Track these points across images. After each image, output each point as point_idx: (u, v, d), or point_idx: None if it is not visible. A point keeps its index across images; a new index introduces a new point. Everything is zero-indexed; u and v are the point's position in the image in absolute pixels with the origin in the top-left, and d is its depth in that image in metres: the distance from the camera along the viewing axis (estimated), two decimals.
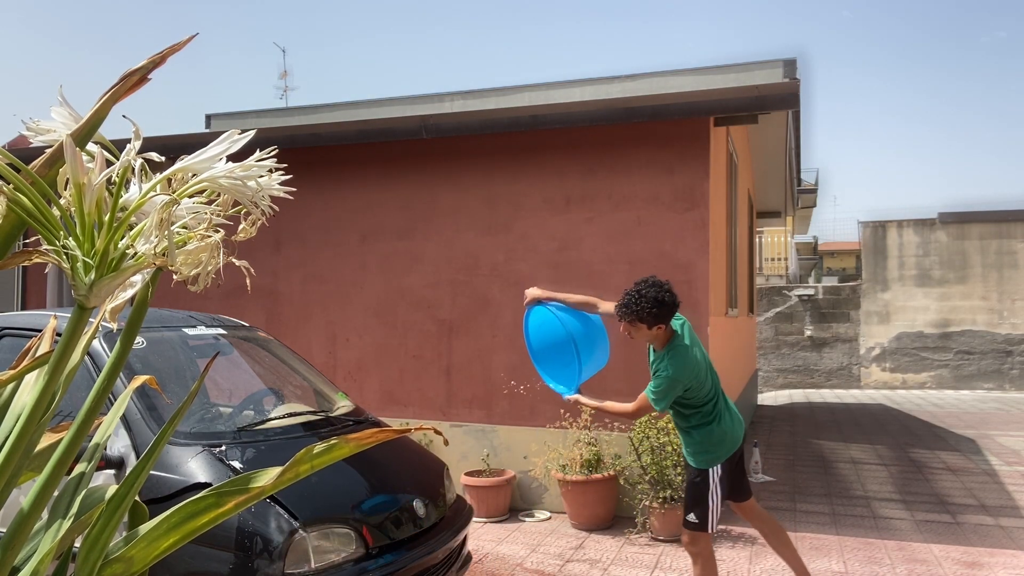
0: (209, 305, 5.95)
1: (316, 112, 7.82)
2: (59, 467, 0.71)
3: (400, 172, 6.15)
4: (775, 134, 7.74)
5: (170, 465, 2.87)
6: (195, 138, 6.18)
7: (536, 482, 5.60)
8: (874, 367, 13.54)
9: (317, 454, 0.77)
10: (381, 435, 0.81)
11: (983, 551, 4.68)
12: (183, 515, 0.77)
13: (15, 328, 3.49)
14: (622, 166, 5.55)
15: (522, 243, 5.77)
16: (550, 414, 5.51)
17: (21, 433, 0.65)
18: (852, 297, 13.85)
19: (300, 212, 6.29)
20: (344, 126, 6.23)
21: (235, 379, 3.97)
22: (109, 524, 0.76)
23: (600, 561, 4.56)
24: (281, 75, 20.17)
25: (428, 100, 7.48)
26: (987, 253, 13.11)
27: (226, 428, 3.27)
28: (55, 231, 0.61)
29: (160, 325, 3.61)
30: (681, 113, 5.28)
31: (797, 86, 5.15)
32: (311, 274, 6.39)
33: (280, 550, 2.66)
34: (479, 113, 5.86)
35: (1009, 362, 12.98)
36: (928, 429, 9.22)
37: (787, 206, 11.82)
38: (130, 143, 0.65)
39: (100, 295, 0.62)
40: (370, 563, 2.86)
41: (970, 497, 5.98)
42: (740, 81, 5.93)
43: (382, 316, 6.13)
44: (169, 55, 0.64)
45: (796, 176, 10.30)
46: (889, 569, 4.37)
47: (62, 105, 0.69)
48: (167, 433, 0.81)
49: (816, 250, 22.13)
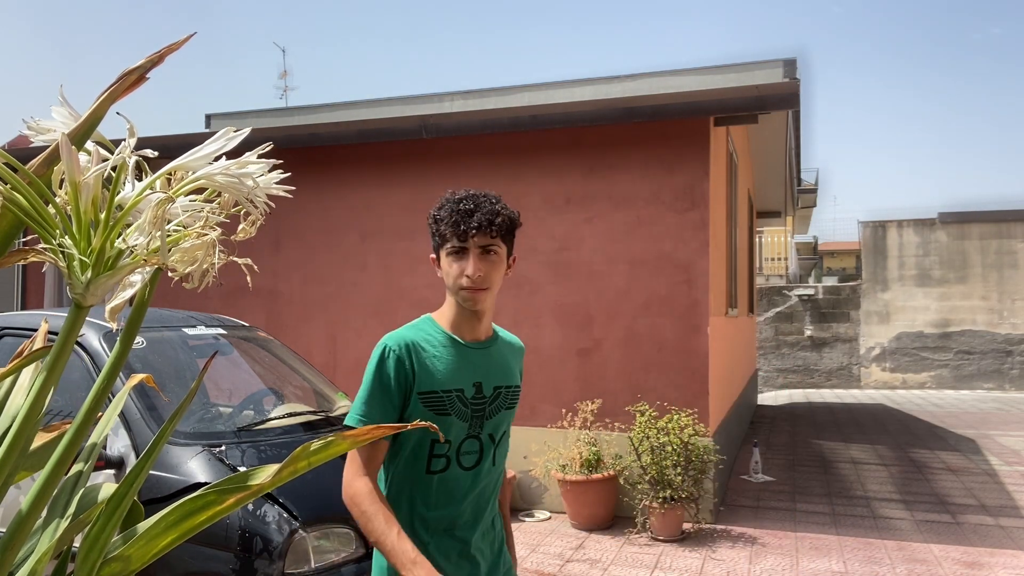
0: (209, 305, 5.95)
1: (316, 112, 7.82)
2: (59, 467, 0.71)
3: (400, 172, 6.15)
4: (775, 134, 7.74)
5: (170, 465, 2.87)
6: (194, 138, 6.16)
7: (536, 482, 5.60)
8: (874, 367, 13.54)
9: (315, 451, 0.77)
10: (378, 432, 0.81)
11: (983, 551, 4.68)
12: (181, 513, 0.77)
13: (15, 328, 3.50)
14: (622, 166, 5.55)
15: (522, 243, 5.74)
16: (550, 414, 5.51)
17: (18, 432, 0.65)
18: (852, 297, 13.85)
19: (300, 212, 6.29)
20: (344, 126, 6.23)
21: (235, 379, 3.98)
22: (109, 523, 0.76)
23: (600, 561, 4.56)
24: (281, 75, 20.18)
25: (428, 100, 7.48)
26: (987, 253, 13.10)
27: (226, 428, 3.27)
28: (52, 230, 0.61)
29: (160, 325, 3.61)
30: (681, 113, 5.28)
31: (797, 86, 5.16)
32: (311, 274, 6.39)
33: (280, 550, 2.66)
34: (479, 113, 5.86)
35: (1009, 362, 12.97)
36: (928, 429, 9.21)
37: (787, 206, 11.82)
38: (124, 141, 0.65)
39: (97, 293, 0.62)
40: (370, 563, 2.86)
41: (970, 497, 5.98)
42: (740, 81, 5.92)
43: (382, 316, 6.13)
44: (167, 54, 0.64)
45: (796, 176, 10.30)
46: (889, 569, 4.37)
47: (62, 105, 0.69)
48: (167, 433, 0.81)
49: (816, 250, 22.13)
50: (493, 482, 1.78)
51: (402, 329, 1.76)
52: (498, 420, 1.76)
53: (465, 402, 1.70)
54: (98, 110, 0.64)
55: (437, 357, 1.71)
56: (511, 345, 1.89)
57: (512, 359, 1.86)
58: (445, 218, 1.68)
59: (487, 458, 1.74)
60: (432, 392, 1.67)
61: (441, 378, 1.69)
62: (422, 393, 1.67)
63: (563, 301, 5.67)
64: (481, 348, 1.77)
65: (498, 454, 1.78)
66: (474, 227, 1.63)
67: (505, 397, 1.78)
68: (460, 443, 1.70)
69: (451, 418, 1.68)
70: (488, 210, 1.66)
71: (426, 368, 1.68)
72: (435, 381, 1.68)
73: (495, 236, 1.66)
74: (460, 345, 1.74)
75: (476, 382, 1.73)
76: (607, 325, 5.56)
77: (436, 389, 1.67)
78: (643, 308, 5.47)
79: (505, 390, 1.78)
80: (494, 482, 1.78)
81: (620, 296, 5.54)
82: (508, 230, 1.71)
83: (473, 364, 1.74)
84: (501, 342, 1.85)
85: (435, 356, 1.71)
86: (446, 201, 1.71)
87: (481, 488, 1.73)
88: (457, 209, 1.66)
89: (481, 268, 1.65)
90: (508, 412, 1.79)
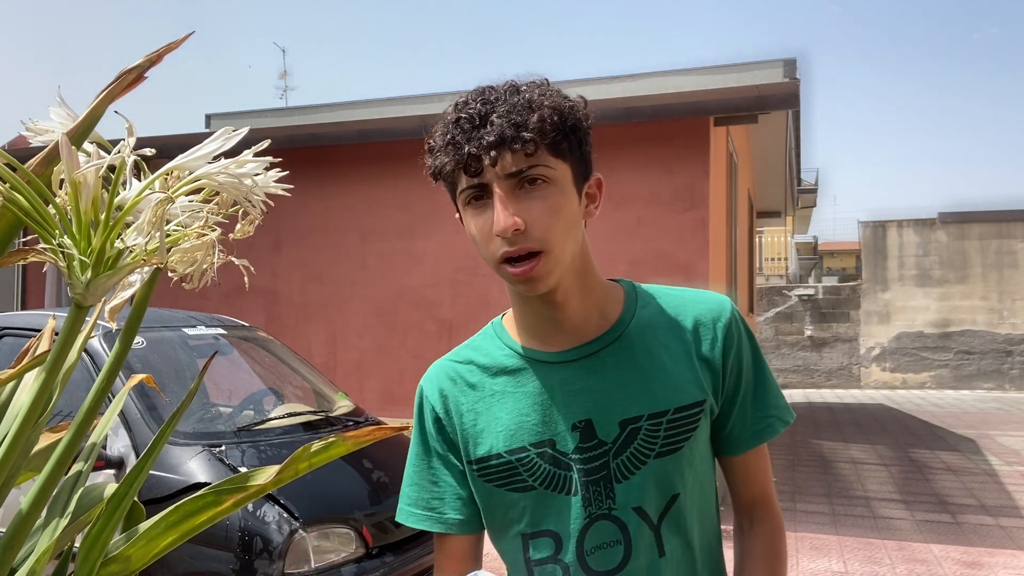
0: (209, 305, 5.95)
1: (316, 112, 7.82)
2: (58, 467, 0.71)
3: (400, 172, 6.14)
4: (775, 134, 7.74)
5: (170, 465, 2.87)
6: (194, 138, 6.14)
7: None
8: (874, 367, 13.54)
9: (315, 452, 0.77)
10: (379, 432, 0.81)
11: (983, 551, 4.68)
12: (181, 514, 0.77)
13: (15, 328, 3.50)
14: (622, 166, 5.55)
15: None
16: None
17: (19, 432, 0.65)
18: (852, 297, 13.85)
19: (300, 212, 6.29)
20: (344, 126, 6.23)
21: (235, 379, 3.98)
22: (109, 524, 0.76)
23: None
24: (281, 75, 20.18)
25: (428, 100, 7.47)
26: (987, 253, 13.10)
27: (226, 428, 3.27)
28: (51, 229, 0.61)
29: (160, 325, 3.61)
30: (681, 113, 5.28)
31: (797, 86, 5.16)
32: (311, 274, 6.39)
33: (280, 550, 2.66)
34: None
35: (1009, 362, 12.97)
36: (928, 429, 9.21)
37: (787, 206, 11.81)
38: (123, 140, 0.65)
39: (96, 293, 0.62)
40: (370, 563, 2.86)
41: (970, 497, 5.98)
42: (740, 81, 5.92)
43: (382, 316, 6.13)
44: (166, 53, 0.64)
45: (796, 176, 10.30)
46: (889, 569, 4.37)
47: (60, 106, 0.69)
48: (167, 433, 0.81)
49: (816, 250, 22.14)
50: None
51: (454, 351, 1.11)
52: (646, 478, 0.96)
53: (562, 461, 0.97)
54: (96, 109, 0.64)
55: (493, 396, 1.01)
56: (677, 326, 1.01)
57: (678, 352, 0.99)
58: (441, 140, 0.93)
59: (642, 550, 0.96)
60: (488, 459, 0.99)
61: (504, 431, 0.98)
62: (476, 462, 1.00)
63: None
64: (582, 358, 0.99)
65: (667, 535, 0.97)
66: (491, 142, 0.87)
67: (651, 435, 0.96)
68: (580, 533, 0.96)
69: (539, 493, 0.97)
70: (512, 105, 0.88)
71: (475, 420, 1.01)
72: (492, 438, 0.99)
73: (535, 150, 0.87)
74: (538, 363, 1.00)
75: (579, 421, 0.97)
76: None
77: (494, 452, 0.98)
78: None
79: (649, 423, 0.96)
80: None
81: None
82: (563, 132, 0.90)
83: (568, 391, 0.98)
84: (642, 330, 1.00)
85: (490, 395, 1.01)
86: (446, 112, 0.94)
87: None
88: (457, 119, 0.90)
89: (517, 213, 0.88)
90: (672, 458, 0.96)
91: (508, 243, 0.89)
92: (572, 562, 0.96)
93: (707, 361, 0.99)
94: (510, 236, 0.88)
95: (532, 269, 0.90)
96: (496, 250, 0.90)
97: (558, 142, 0.90)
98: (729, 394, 1.01)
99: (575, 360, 0.98)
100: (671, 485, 0.97)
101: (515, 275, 0.91)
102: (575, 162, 0.94)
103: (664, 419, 0.96)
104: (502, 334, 1.06)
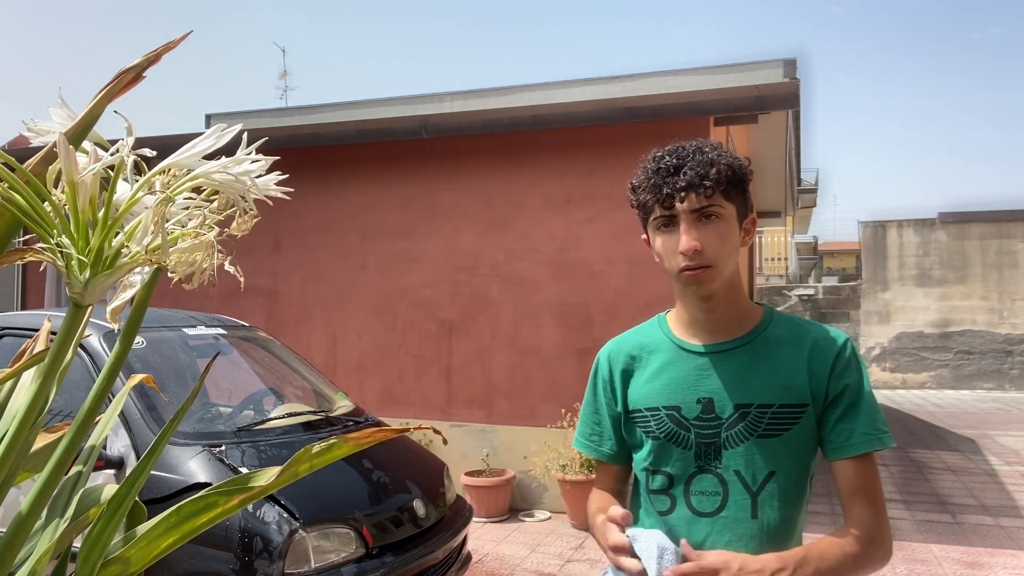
0: (209, 305, 5.95)
1: (316, 112, 7.82)
2: (59, 467, 0.71)
3: (400, 172, 6.15)
4: (775, 134, 7.73)
5: (170, 465, 2.86)
6: (193, 138, 6.17)
7: (536, 482, 5.60)
8: (874, 367, 13.53)
9: (316, 454, 0.77)
10: (380, 434, 0.81)
11: (983, 551, 4.68)
12: (182, 515, 0.76)
13: (15, 328, 3.49)
14: (622, 166, 5.54)
15: (522, 243, 5.77)
16: (550, 414, 5.51)
17: (17, 432, 0.65)
18: (852, 297, 13.85)
19: (300, 212, 6.29)
20: (344, 126, 6.23)
21: (235, 379, 3.97)
22: (110, 524, 0.75)
23: (600, 561, 4.55)
24: (281, 75, 20.19)
25: (428, 100, 7.47)
26: (987, 253, 13.10)
27: (226, 428, 3.26)
28: (49, 229, 0.61)
29: (160, 325, 3.60)
30: (681, 113, 5.28)
31: (797, 86, 5.15)
32: (311, 274, 6.39)
33: (280, 550, 2.65)
34: (479, 113, 5.86)
35: (1009, 362, 12.97)
36: (928, 429, 9.21)
37: (787, 206, 11.81)
38: (121, 139, 0.65)
39: (95, 293, 0.62)
40: (370, 563, 2.86)
41: (970, 497, 5.97)
42: (740, 81, 5.92)
43: (382, 316, 6.13)
44: (164, 53, 0.64)
45: (796, 176, 10.30)
46: (889, 569, 4.37)
47: (61, 106, 0.69)
48: (168, 433, 0.81)
49: (816, 250, 22.14)
50: (760, 543, 1.26)
51: (625, 333, 1.47)
52: (749, 452, 1.27)
53: (684, 424, 1.31)
54: (95, 109, 0.64)
55: (649, 367, 1.38)
56: (798, 344, 1.31)
57: (793, 364, 1.29)
58: (644, 182, 1.32)
59: (736, 505, 1.27)
60: (636, 412, 1.37)
61: (648, 393, 1.36)
62: (629, 412, 1.39)
63: (563, 301, 5.67)
64: (719, 352, 1.33)
65: (762, 502, 1.27)
66: (682, 186, 1.24)
67: (757, 420, 1.27)
68: (688, 479, 1.31)
69: (662, 443, 1.33)
70: (699, 161, 1.26)
71: (634, 381, 1.39)
72: (640, 397, 1.36)
73: (712, 194, 1.24)
74: (683, 351, 1.36)
75: (704, 398, 1.30)
76: (607, 325, 5.55)
77: (640, 407, 1.36)
78: (643, 308, 5.46)
79: (757, 410, 1.28)
80: (763, 543, 1.26)
81: (620, 296, 5.53)
82: (732, 183, 1.27)
83: (700, 374, 1.32)
84: (768, 342, 1.32)
85: (647, 366, 1.38)
86: (646, 162, 1.34)
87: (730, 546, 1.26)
88: (658, 168, 1.29)
89: (697, 238, 1.25)
90: (771, 441, 1.27)
91: (688, 259, 1.26)
92: (679, 497, 1.31)
93: (816, 376, 1.28)
94: (691, 255, 1.25)
95: (703, 275, 1.26)
96: (678, 263, 1.28)
97: (729, 189, 1.27)
98: (830, 406, 1.28)
99: (712, 353, 1.33)
100: (768, 462, 1.27)
101: (690, 277, 1.27)
102: (739, 204, 1.30)
103: (770, 411, 1.27)
104: (664, 326, 1.42)
